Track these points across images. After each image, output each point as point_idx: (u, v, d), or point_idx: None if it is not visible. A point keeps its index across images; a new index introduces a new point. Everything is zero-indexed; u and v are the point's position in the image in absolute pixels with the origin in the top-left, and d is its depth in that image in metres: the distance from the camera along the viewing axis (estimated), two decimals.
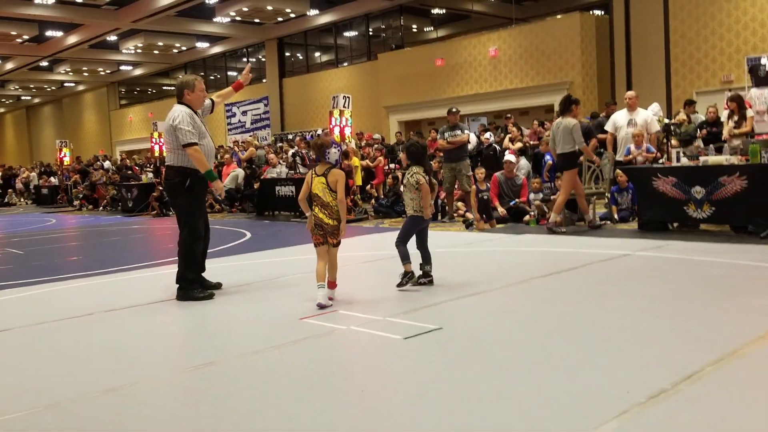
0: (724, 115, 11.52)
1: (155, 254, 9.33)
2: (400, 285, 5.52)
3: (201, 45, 31.68)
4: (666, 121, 12.35)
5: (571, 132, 8.62)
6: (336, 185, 5.18)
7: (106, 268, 7.81)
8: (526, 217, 10.08)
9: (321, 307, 4.99)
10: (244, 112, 29.01)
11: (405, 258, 5.57)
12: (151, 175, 18.73)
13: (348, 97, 15.45)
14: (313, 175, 5.28)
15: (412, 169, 5.77)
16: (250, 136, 24.13)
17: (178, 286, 5.76)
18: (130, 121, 38.34)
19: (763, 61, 12.75)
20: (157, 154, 19.60)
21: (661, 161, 9.38)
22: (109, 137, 40.18)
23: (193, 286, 5.75)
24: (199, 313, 5.24)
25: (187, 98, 5.79)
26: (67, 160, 26.33)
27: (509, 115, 17.26)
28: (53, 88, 42.18)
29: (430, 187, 5.68)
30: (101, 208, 20.07)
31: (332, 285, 5.30)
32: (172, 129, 5.66)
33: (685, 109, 12.76)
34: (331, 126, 13.85)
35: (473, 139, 13.17)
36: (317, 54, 29.92)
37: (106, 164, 23.68)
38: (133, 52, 31.56)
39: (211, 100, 6.27)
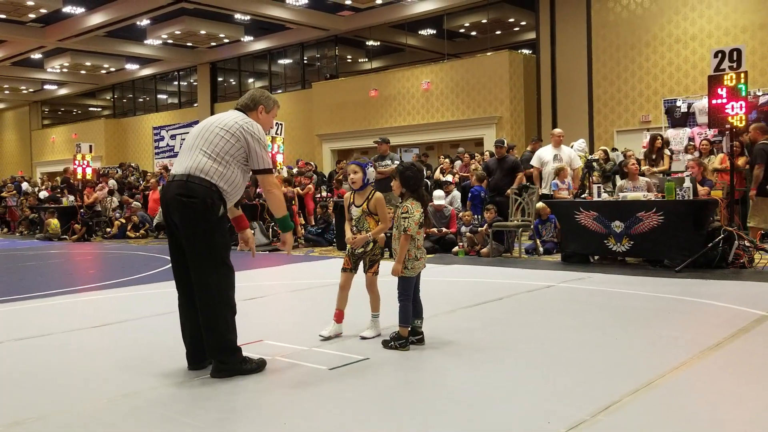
0: (641, 153, 12.08)
1: (75, 280, 8.95)
2: (386, 344, 4.54)
3: (130, 66, 30.98)
4: (589, 157, 12.84)
5: None
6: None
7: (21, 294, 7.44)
8: (455, 248, 10.22)
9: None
10: (173, 136, 28.32)
11: (404, 319, 4.51)
12: (72, 198, 18.03)
13: (281, 124, 15.37)
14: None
15: (407, 202, 4.54)
16: None
17: (216, 360, 4.00)
18: (53, 141, 36.98)
19: (679, 103, 13.50)
20: (80, 176, 18.83)
21: (582, 196, 9.72)
22: (30, 158, 38.60)
23: (237, 356, 4.03)
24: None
25: (259, 116, 4.18)
26: None
27: (461, 149, 17.24)
28: None
29: (425, 222, 4.63)
30: (19, 232, 19.21)
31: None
32: (242, 137, 3.97)
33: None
34: None
35: None
36: (251, 80, 29.76)
37: (24, 186, 22.68)
38: (58, 71, 30.57)
39: None
